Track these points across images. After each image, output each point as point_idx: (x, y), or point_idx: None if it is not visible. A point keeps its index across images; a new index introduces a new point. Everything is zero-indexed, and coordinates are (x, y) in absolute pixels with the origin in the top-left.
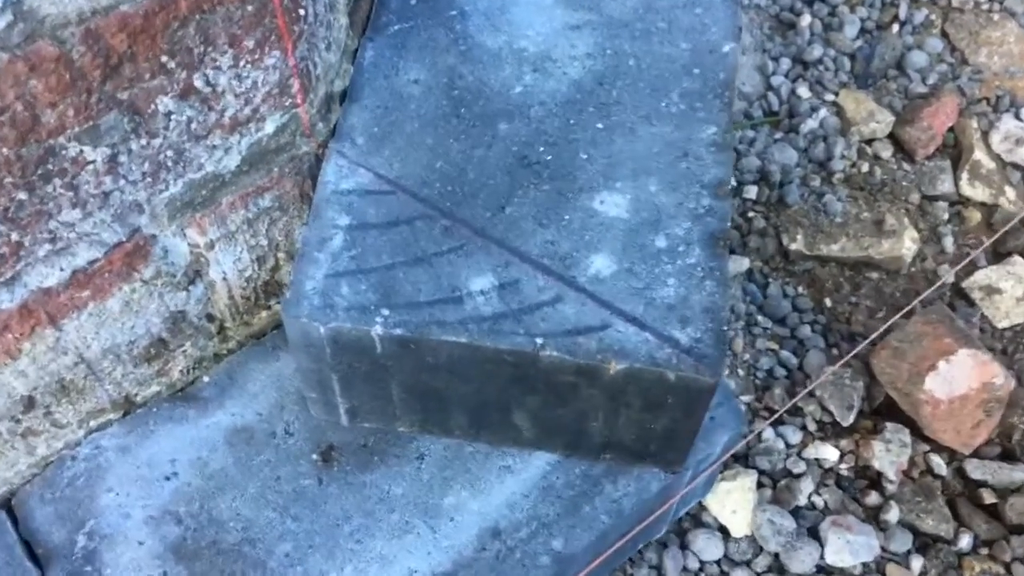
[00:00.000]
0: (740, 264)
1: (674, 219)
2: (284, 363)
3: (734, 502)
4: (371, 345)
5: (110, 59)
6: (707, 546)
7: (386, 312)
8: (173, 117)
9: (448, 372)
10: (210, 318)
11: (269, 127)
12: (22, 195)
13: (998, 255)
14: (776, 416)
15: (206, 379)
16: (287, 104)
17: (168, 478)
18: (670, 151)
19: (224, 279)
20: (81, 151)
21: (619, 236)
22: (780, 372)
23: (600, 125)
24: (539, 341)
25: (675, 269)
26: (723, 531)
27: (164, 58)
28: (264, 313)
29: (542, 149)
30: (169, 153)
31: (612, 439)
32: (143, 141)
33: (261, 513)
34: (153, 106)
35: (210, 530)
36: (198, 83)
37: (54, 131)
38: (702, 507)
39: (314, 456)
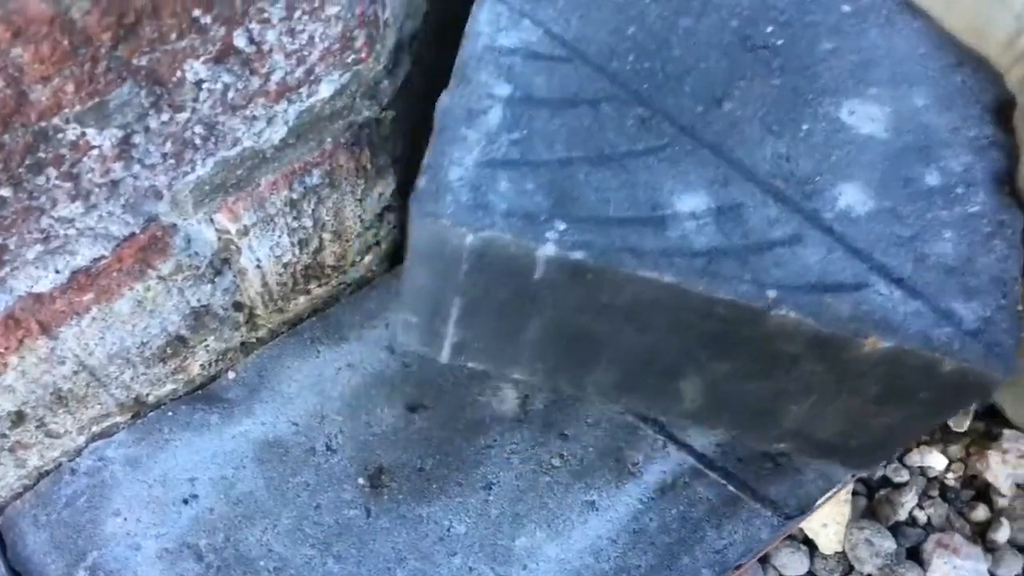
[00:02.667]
0: None
1: (949, 148)
2: (325, 360)
3: (826, 514)
4: (529, 268)
5: (124, 17)
6: (791, 561)
7: (562, 226)
8: (205, 86)
9: (624, 316)
10: (237, 306)
11: (325, 90)
12: (4, 192)
13: None
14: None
15: (231, 375)
16: (349, 61)
17: (186, 501)
18: (941, 55)
19: (258, 267)
20: (83, 134)
21: (876, 162)
22: None
23: (847, 8)
24: (772, 294)
25: (952, 217)
26: (809, 544)
27: (197, 11)
28: (302, 299)
29: (770, 29)
30: (198, 129)
31: (806, 428)
32: (164, 117)
33: (298, 550)
34: (180, 73)
35: (237, 569)
36: (239, 41)
37: (47, 111)
38: None
39: (361, 480)
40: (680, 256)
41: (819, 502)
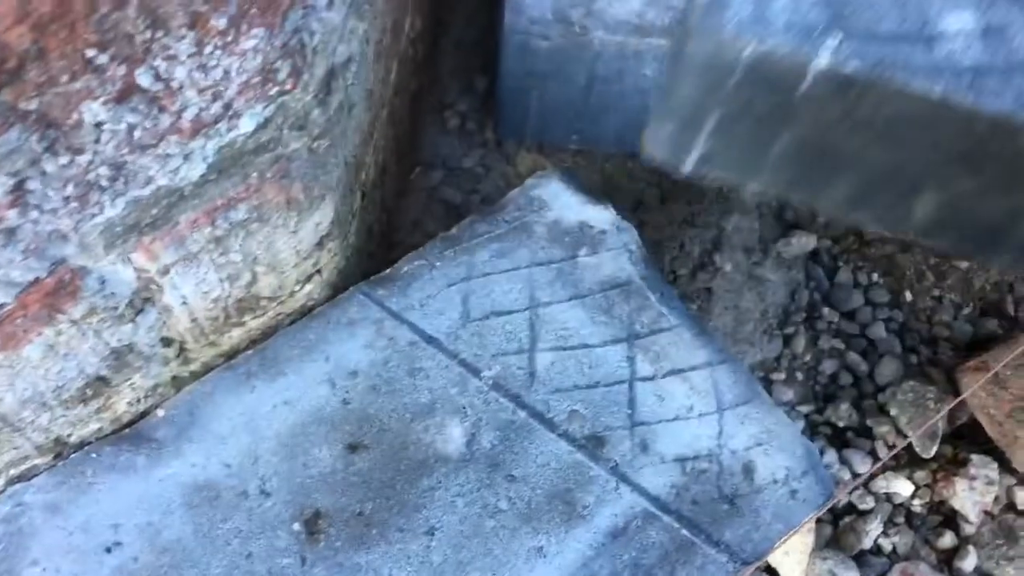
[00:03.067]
0: (806, 242)
1: None
2: (260, 396)
3: (788, 543)
4: (798, 80)
5: (5, 61)
6: None
7: (836, 40)
8: (106, 127)
9: (878, 132)
10: (166, 342)
11: (246, 125)
12: None
13: None
14: (857, 484)
15: (161, 413)
16: (273, 93)
17: (109, 550)
18: None
19: (184, 304)
20: None
21: None
22: (846, 379)
23: None
24: None
25: None
26: (771, 572)
27: (90, 51)
28: (236, 331)
29: None
30: (103, 171)
31: None
32: (63, 160)
33: None
34: (76, 115)
35: None
36: (143, 80)
37: None
38: None
39: (296, 526)
40: (948, 72)
41: (776, 544)
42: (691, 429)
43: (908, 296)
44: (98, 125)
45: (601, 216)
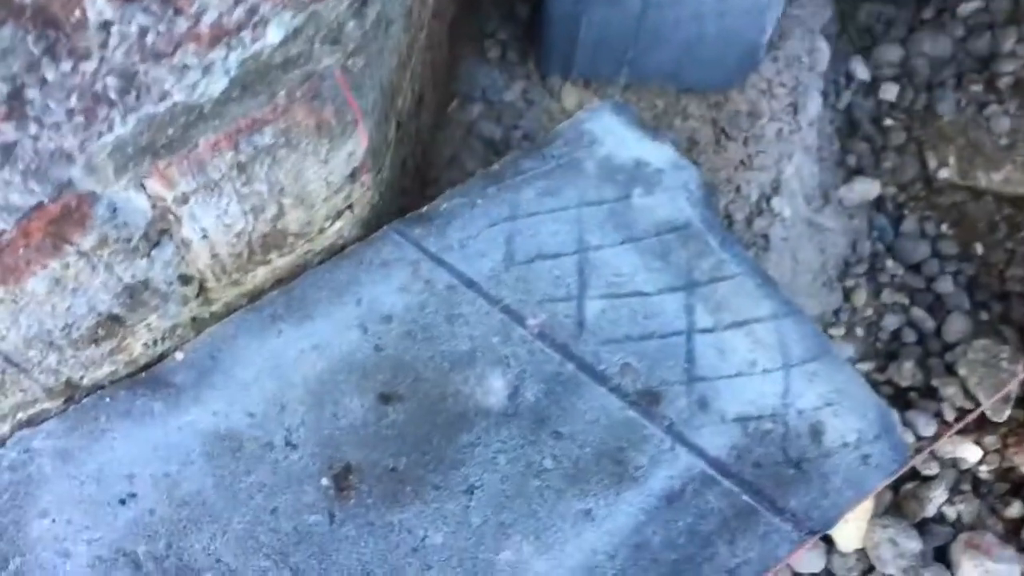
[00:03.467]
0: (869, 190)
1: None
2: (287, 340)
3: None
4: None
5: None
6: (806, 557)
7: None
8: (114, 28)
9: None
10: (185, 280)
11: (273, 35)
12: None
13: None
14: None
15: (180, 356)
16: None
17: (124, 501)
18: None
19: (204, 237)
20: None
21: None
22: (910, 336)
23: None
24: None
25: None
26: (827, 540)
27: None
28: (261, 270)
29: None
30: (111, 80)
31: None
32: (65, 66)
33: (249, 561)
34: (79, 13)
35: None
36: None
37: None
38: None
39: (324, 481)
40: None
41: (847, 513)
42: (754, 386)
43: (979, 249)
44: (105, 25)
45: (658, 153)
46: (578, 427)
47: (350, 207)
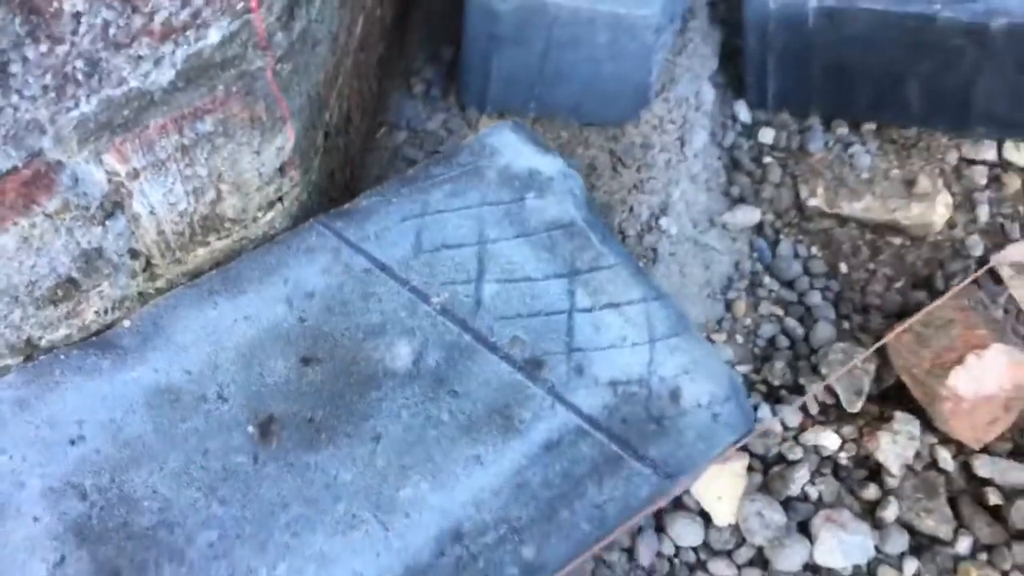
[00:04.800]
0: (750, 216)
1: None
2: (222, 312)
3: (721, 487)
4: (804, 20)
5: None
6: (686, 532)
7: None
8: (84, 19)
9: (859, 42)
10: (133, 254)
11: (213, 36)
12: None
13: None
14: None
15: (127, 324)
16: (239, 8)
17: (73, 442)
18: None
19: (152, 213)
20: None
21: None
22: (783, 342)
23: None
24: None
25: None
26: (705, 516)
27: None
28: (201, 251)
29: None
30: (79, 64)
31: (990, 109)
32: (43, 48)
33: (183, 493)
34: (57, 4)
35: (120, 509)
36: None
37: None
38: (685, 490)
39: (250, 428)
40: None
41: (700, 464)
42: (624, 357)
43: (844, 268)
44: (76, 16)
45: (549, 164)
46: (472, 387)
47: (280, 199)
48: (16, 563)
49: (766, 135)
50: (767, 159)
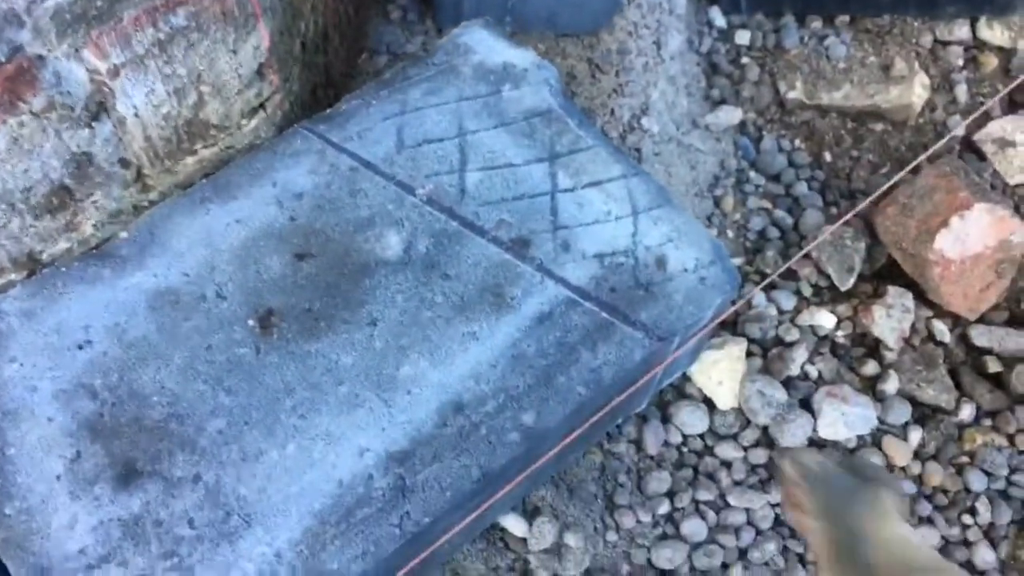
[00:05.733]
0: (732, 116)
1: None
2: (215, 217)
3: (721, 372)
4: None
5: None
6: (691, 419)
7: None
8: None
9: None
10: (124, 163)
11: None
12: None
13: (1014, 104)
14: (769, 279)
15: (124, 235)
16: None
17: (81, 347)
18: None
19: (136, 115)
20: None
21: None
22: (773, 233)
23: None
24: None
25: None
26: (708, 403)
27: None
28: (190, 159)
29: None
30: None
31: None
32: None
33: (189, 386)
34: None
35: (131, 405)
36: None
37: None
38: (686, 378)
39: (251, 322)
40: None
41: (692, 326)
42: (609, 230)
43: (828, 157)
44: None
45: (523, 56)
46: (463, 269)
47: (263, 106)
48: (34, 461)
49: (742, 37)
50: (744, 59)
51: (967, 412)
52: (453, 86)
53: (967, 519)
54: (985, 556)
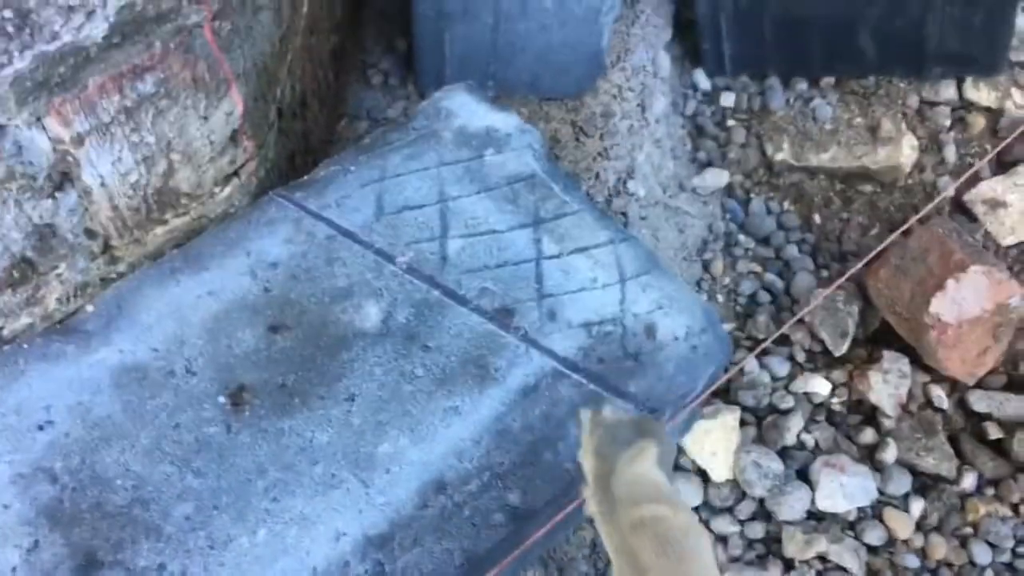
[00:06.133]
0: (719, 178)
1: None
2: (185, 288)
3: (714, 443)
4: None
5: None
6: (685, 492)
7: None
8: None
9: None
10: (90, 234)
11: None
12: None
13: (1003, 165)
14: (763, 345)
15: (90, 308)
16: None
17: (42, 427)
18: None
19: (103, 185)
20: None
21: None
22: (764, 297)
23: None
24: None
25: None
26: (702, 475)
27: None
28: (159, 230)
29: None
30: (7, 14)
31: (943, 46)
32: None
33: (156, 468)
34: None
35: (93, 489)
36: None
37: None
38: (679, 449)
39: (221, 399)
40: None
41: (683, 397)
42: (596, 298)
43: (818, 219)
44: None
45: (506, 120)
46: (444, 340)
47: (236, 174)
48: None
49: (727, 99)
50: (730, 122)
51: (969, 481)
52: (434, 151)
53: None
54: None
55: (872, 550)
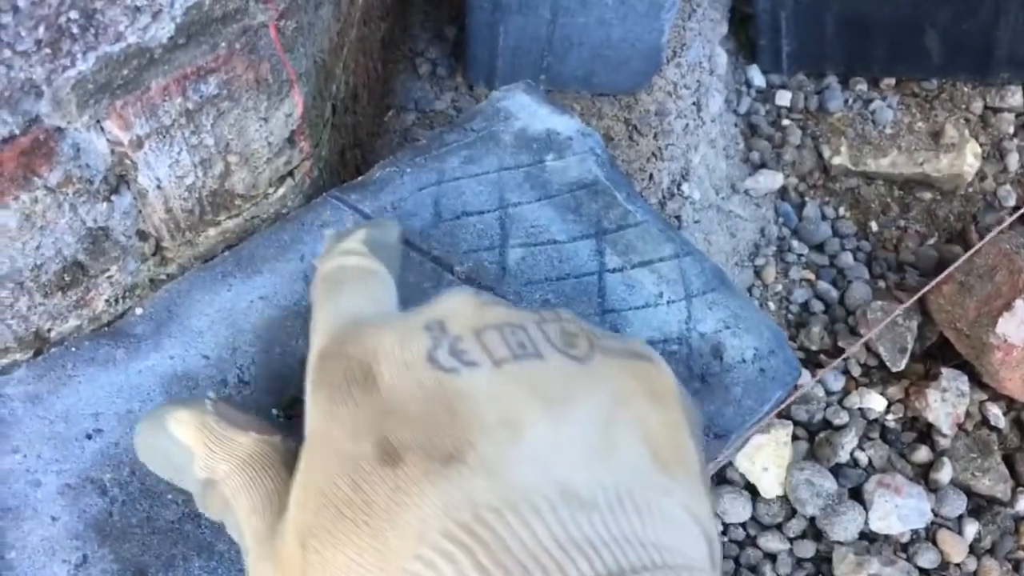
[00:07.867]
0: (773, 181)
1: None
2: (237, 293)
3: (766, 458)
4: None
5: None
6: (732, 507)
7: None
8: None
9: None
10: (142, 235)
11: None
12: None
13: None
14: (827, 370)
15: (139, 311)
16: None
17: (90, 436)
18: None
19: (159, 187)
20: None
21: None
22: (818, 306)
23: None
24: None
25: None
26: (751, 490)
27: None
28: (212, 231)
29: None
30: (73, 15)
31: (1013, 52)
32: None
33: None
34: None
35: (143, 503)
36: None
37: None
38: (728, 462)
39: (275, 411)
40: None
41: (751, 421)
42: (660, 315)
43: (874, 227)
44: None
45: (566, 124)
46: None
47: (291, 174)
48: (36, 565)
49: (783, 98)
50: (786, 122)
51: (1023, 504)
52: (493, 154)
53: None
54: None
55: (924, 572)
